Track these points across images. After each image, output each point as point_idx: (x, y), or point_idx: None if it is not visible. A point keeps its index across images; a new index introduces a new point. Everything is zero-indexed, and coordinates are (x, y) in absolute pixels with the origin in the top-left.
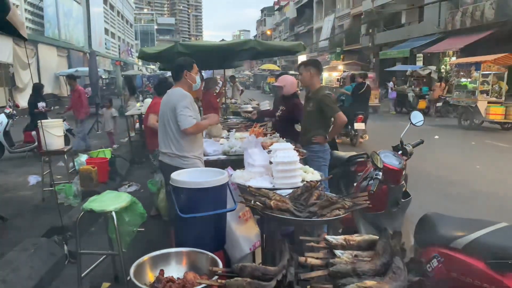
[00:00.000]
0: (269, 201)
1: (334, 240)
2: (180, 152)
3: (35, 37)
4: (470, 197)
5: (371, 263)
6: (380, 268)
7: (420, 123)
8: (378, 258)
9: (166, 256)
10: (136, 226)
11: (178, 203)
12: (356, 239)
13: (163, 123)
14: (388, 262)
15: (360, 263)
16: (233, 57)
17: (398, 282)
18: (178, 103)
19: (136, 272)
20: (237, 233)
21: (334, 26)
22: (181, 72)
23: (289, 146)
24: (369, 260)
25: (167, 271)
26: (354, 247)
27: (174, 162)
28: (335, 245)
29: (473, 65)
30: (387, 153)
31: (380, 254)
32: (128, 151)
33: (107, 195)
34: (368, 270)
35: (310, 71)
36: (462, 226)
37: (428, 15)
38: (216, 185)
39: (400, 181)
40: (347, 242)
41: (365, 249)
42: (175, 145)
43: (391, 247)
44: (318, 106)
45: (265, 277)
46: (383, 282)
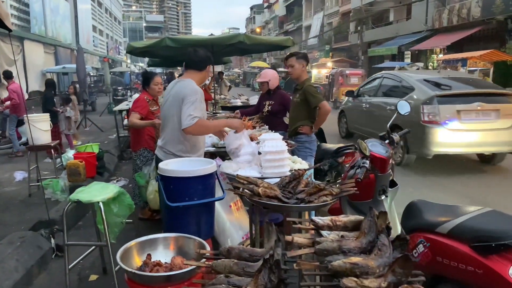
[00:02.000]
0: (257, 188)
1: (321, 221)
2: (179, 152)
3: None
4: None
5: (357, 241)
6: (365, 246)
7: (406, 112)
8: (364, 236)
9: (153, 241)
10: (124, 218)
11: (166, 192)
12: (343, 220)
13: (167, 114)
14: (374, 240)
15: (346, 241)
16: (222, 53)
17: (384, 258)
18: (186, 96)
19: (123, 257)
20: (228, 222)
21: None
22: (206, 63)
23: (277, 136)
24: (355, 239)
25: (155, 256)
26: (340, 227)
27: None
28: (321, 226)
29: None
30: (374, 142)
31: (366, 232)
32: (116, 147)
33: (94, 186)
34: (354, 248)
35: (303, 64)
36: (447, 212)
37: (415, 13)
38: (204, 174)
39: (387, 169)
40: (333, 223)
41: (351, 229)
42: (175, 142)
43: (377, 225)
44: (303, 97)
45: (253, 259)
46: (368, 258)
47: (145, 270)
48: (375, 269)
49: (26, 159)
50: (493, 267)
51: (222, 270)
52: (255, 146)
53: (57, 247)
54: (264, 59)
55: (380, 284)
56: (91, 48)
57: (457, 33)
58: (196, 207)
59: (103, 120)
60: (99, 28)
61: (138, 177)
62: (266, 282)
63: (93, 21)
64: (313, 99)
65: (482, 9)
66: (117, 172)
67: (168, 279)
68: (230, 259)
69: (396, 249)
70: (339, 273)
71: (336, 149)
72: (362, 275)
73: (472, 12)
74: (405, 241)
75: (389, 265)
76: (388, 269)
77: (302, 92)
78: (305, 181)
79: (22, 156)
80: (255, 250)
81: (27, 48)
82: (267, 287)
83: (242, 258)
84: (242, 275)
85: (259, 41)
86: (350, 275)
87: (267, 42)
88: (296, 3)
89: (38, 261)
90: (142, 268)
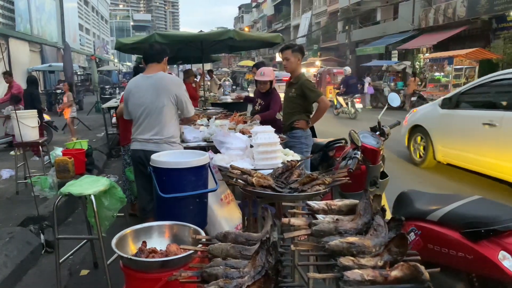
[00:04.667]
0: (251, 178)
1: (316, 205)
2: (170, 138)
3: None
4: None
5: (353, 223)
6: (361, 227)
7: (397, 104)
8: (359, 218)
9: (148, 229)
10: (115, 211)
11: (159, 183)
12: (337, 204)
13: (149, 108)
14: (369, 222)
15: (342, 222)
16: (211, 50)
17: (380, 238)
18: (180, 89)
19: (118, 244)
20: (219, 215)
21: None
22: (163, 55)
23: (269, 128)
24: (350, 220)
25: (150, 243)
26: (335, 211)
27: (161, 148)
28: (316, 210)
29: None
30: (365, 134)
31: (362, 214)
32: (105, 145)
33: (85, 179)
34: (350, 229)
35: (298, 57)
36: (437, 200)
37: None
38: (197, 165)
39: (378, 161)
40: (328, 207)
41: (346, 213)
42: (165, 131)
43: (372, 207)
44: (300, 92)
45: (249, 243)
46: (365, 238)
47: (141, 257)
48: (371, 248)
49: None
50: (483, 253)
51: (219, 254)
52: (246, 139)
53: (47, 243)
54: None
55: (376, 262)
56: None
57: (443, 32)
58: (189, 199)
59: (90, 119)
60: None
61: (129, 172)
62: (264, 263)
63: (79, 19)
64: (312, 94)
65: (467, 9)
66: (106, 169)
67: (164, 265)
68: (226, 243)
69: (392, 230)
70: (336, 253)
71: (326, 143)
72: (358, 254)
73: (457, 11)
74: (400, 222)
75: (385, 245)
76: (384, 248)
77: (298, 87)
78: (298, 172)
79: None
80: (251, 235)
81: (12, 46)
82: (265, 268)
83: (239, 243)
84: (239, 258)
85: (249, 37)
86: (347, 255)
87: (257, 39)
88: (284, 3)
89: (28, 257)
90: (138, 254)
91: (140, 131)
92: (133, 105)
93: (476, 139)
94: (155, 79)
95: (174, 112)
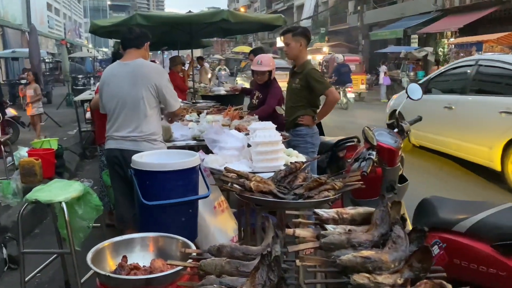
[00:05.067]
0: (249, 182)
1: (325, 214)
2: (150, 135)
3: None
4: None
5: (368, 234)
6: (378, 239)
7: (418, 96)
8: (375, 228)
9: (129, 242)
10: (91, 221)
11: (141, 189)
12: (350, 212)
13: (125, 99)
14: (387, 233)
15: (356, 234)
16: (201, 34)
17: (399, 252)
18: (161, 79)
19: (94, 259)
20: (211, 225)
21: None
22: (144, 40)
23: (270, 125)
24: (365, 231)
25: (131, 258)
26: (347, 221)
27: (141, 147)
28: (326, 219)
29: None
30: (381, 131)
31: (378, 224)
32: (78, 144)
33: (55, 184)
34: (365, 241)
35: (301, 42)
36: (465, 208)
37: None
38: (185, 167)
39: (396, 162)
40: (339, 215)
41: (360, 223)
42: (144, 126)
43: (390, 216)
44: (305, 82)
45: (247, 257)
46: (382, 252)
47: (121, 274)
48: (390, 263)
49: None
50: None
51: (212, 271)
52: (243, 137)
53: (10, 259)
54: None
55: (395, 280)
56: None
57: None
58: (177, 207)
59: (60, 113)
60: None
61: (106, 175)
62: (264, 281)
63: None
64: (319, 86)
65: None
66: (79, 172)
67: (148, 283)
68: (221, 258)
69: (413, 242)
70: (348, 269)
71: (336, 142)
72: (375, 271)
73: None
74: (423, 233)
75: (405, 259)
76: (405, 264)
77: (303, 77)
78: (303, 175)
79: None
80: (250, 248)
81: None
82: (266, 286)
83: (235, 257)
84: (235, 275)
85: (245, 19)
86: (362, 271)
87: (255, 21)
88: None
89: None
90: (118, 271)
91: (116, 128)
92: (108, 97)
93: (439, 122)
94: (133, 66)
95: (154, 105)
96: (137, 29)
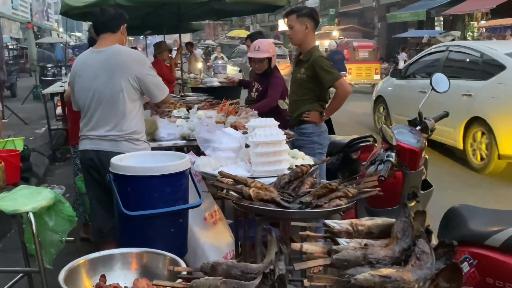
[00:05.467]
0: (248, 189)
1: (337, 225)
2: (131, 133)
3: None
4: None
5: (387, 249)
6: (399, 255)
7: (445, 88)
8: (396, 242)
9: (108, 258)
10: (63, 234)
11: (121, 197)
12: (366, 224)
13: (101, 93)
14: (410, 248)
15: (373, 249)
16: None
17: (424, 270)
18: (142, 67)
19: (68, 279)
20: (201, 240)
21: None
22: (119, 22)
23: (271, 122)
24: (384, 246)
25: (111, 278)
26: (363, 234)
27: (120, 148)
28: (338, 232)
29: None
30: (401, 129)
31: (399, 237)
32: (47, 144)
33: (21, 192)
34: (384, 257)
35: (306, 25)
36: (499, 219)
37: None
38: (173, 171)
39: (419, 165)
40: (354, 227)
41: (378, 236)
42: (125, 124)
43: (413, 228)
44: (312, 72)
45: (246, 277)
46: (404, 270)
47: None
48: (413, 283)
49: None
50: None
51: None
52: (240, 136)
53: None
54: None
55: None
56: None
57: None
58: (163, 217)
59: (26, 109)
60: None
61: (80, 181)
62: None
63: None
64: (327, 76)
65: None
66: (48, 177)
67: None
68: (215, 278)
69: (440, 258)
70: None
71: (348, 142)
72: None
73: None
74: (451, 248)
75: (431, 279)
76: (431, 284)
77: (309, 66)
78: (311, 181)
79: None
80: (249, 266)
81: None
82: None
83: (232, 277)
84: None
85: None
86: None
87: (253, 1)
88: None
89: None
90: None
91: (91, 126)
92: (80, 90)
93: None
94: (108, 54)
95: (136, 98)
96: (111, 9)
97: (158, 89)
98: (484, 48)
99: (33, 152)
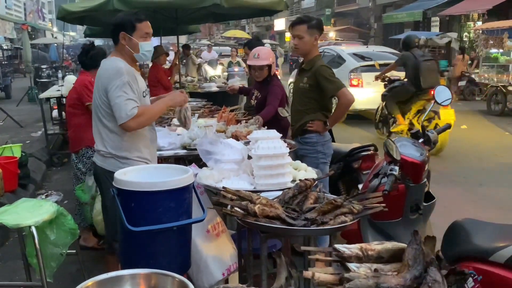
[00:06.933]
0: (253, 205)
1: (347, 250)
2: (117, 151)
3: None
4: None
5: (398, 277)
6: (410, 283)
7: (447, 102)
8: (407, 270)
9: (116, 280)
10: (64, 247)
11: (125, 212)
12: (376, 248)
13: (94, 110)
14: (421, 275)
15: (385, 277)
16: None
17: None
18: (110, 82)
19: None
20: (204, 252)
21: None
22: (116, 34)
23: (274, 134)
24: (395, 273)
25: None
26: (373, 258)
27: (107, 164)
28: (348, 256)
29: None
30: (404, 142)
31: (410, 264)
32: (43, 149)
33: (22, 205)
34: (396, 285)
35: (316, 36)
36: (505, 234)
37: None
38: (178, 186)
39: (422, 178)
40: (364, 252)
41: (387, 261)
42: (110, 141)
43: (424, 255)
44: (314, 82)
45: None
46: None
47: None
48: None
49: None
50: None
51: None
52: (242, 148)
53: None
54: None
55: None
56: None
57: None
58: (168, 233)
59: (22, 111)
60: None
61: (80, 190)
62: None
63: None
64: (329, 85)
65: None
66: (45, 183)
67: None
68: None
69: (451, 286)
70: None
71: (349, 151)
72: None
73: None
74: (463, 276)
75: None
76: None
77: (311, 75)
78: (315, 195)
79: None
80: None
81: None
82: None
83: None
84: None
85: (241, 3)
86: None
87: (251, 5)
88: None
89: None
90: None
91: None
92: None
93: None
94: (100, 68)
95: (111, 115)
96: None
97: (117, 111)
98: (338, 49)
99: (31, 157)
